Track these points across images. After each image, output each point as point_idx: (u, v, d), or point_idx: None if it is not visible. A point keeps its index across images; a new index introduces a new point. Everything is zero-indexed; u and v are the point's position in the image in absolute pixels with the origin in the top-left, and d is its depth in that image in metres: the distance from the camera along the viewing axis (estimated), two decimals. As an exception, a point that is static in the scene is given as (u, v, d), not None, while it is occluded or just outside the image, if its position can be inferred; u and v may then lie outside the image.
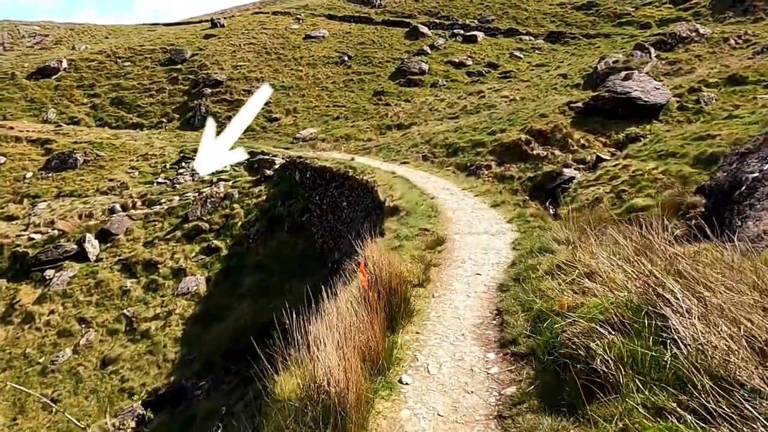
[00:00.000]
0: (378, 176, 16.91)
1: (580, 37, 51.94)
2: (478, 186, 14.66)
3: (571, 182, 21.67)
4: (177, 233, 27.47)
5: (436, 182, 16.22)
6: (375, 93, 44.22)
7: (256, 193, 28.75)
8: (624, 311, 3.60)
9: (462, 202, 12.47)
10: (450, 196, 13.39)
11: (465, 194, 13.61)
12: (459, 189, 14.55)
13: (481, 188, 14.17)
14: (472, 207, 11.80)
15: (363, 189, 17.37)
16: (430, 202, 12.25)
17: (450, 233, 9.32)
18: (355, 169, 20.40)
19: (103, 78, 51.42)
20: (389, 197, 13.01)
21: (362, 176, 18.30)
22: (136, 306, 23.96)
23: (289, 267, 24.05)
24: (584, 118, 26.00)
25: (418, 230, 9.18)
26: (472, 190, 14.14)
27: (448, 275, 6.67)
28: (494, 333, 4.67)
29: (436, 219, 10.39)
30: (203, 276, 24.92)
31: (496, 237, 8.92)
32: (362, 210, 17.26)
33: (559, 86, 36.69)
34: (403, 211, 11.04)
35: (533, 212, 10.14)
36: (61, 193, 34.74)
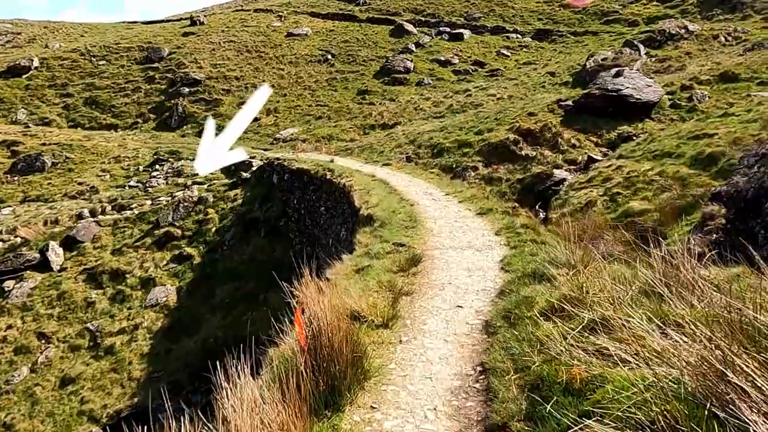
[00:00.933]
0: (356, 179, 15.61)
1: (567, 35, 51.11)
2: (464, 190, 13.42)
3: (562, 184, 20.57)
4: (147, 240, 25.91)
5: (419, 186, 14.96)
6: (359, 92, 42.93)
7: (231, 197, 27.28)
8: (675, 407, 2.31)
9: (445, 209, 11.21)
10: (432, 202, 12.13)
11: (449, 200, 12.36)
12: (442, 194, 13.30)
13: (467, 193, 12.93)
14: (455, 215, 10.55)
15: (340, 193, 16.07)
16: (410, 210, 10.98)
17: (429, 248, 8.06)
18: (333, 172, 19.09)
19: (76, 77, 49.46)
20: (365, 204, 11.73)
21: (340, 179, 16.99)
22: (101, 319, 22.39)
23: (266, 274, 22.59)
24: (574, 117, 24.95)
25: (391, 245, 7.90)
26: (456, 195, 12.89)
27: (422, 308, 5.39)
28: (477, 406, 3.41)
29: (415, 230, 9.11)
30: (174, 286, 23.41)
31: (483, 253, 7.67)
32: (339, 215, 15.97)
33: (548, 84, 35.70)
34: (378, 220, 9.75)
35: (524, 222, 8.91)
36: (26, 198, 32.94)
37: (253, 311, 20.70)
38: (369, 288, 5.63)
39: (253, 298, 21.49)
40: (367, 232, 9.36)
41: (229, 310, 21.30)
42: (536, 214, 19.81)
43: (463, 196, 12.52)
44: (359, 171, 18.79)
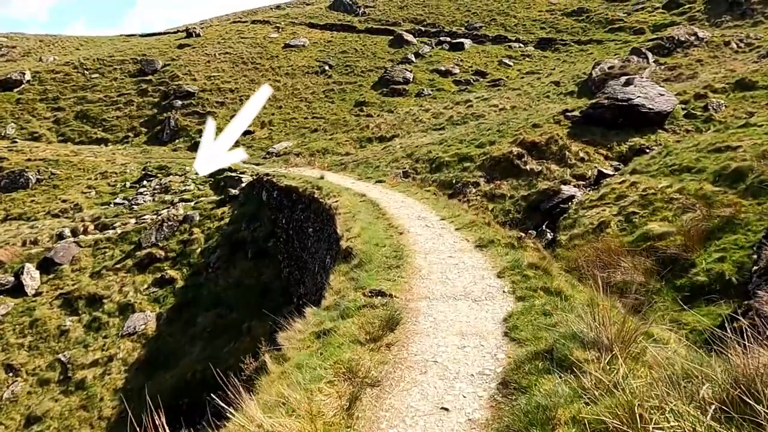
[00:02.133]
0: (343, 200, 14.02)
1: (571, 44, 49.76)
2: (462, 214, 11.79)
3: (570, 202, 18.94)
4: (128, 262, 24.36)
5: (412, 208, 13.35)
6: (356, 104, 41.55)
7: (218, 216, 25.75)
8: None
9: (439, 239, 9.58)
10: (425, 229, 10.51)
11: (444, 227, 10.74)
12: (437, 218, 11.68)
13: (465, 218, 11.30)
14: (450, 248, 8.93)
15: (326, 215, 14.47)
16: (397, 241, 9.37)
17: (414, 298, 6.46)
18: (321, 190, 17.53)
19: (68, 90, 48.36)
20: (347, 233, 10.13)
21: (326, 200, 15.41)
22: (74, 349, 20.77)
23: (251, 301, 21.01)
24: (582, 128, 23.38)
25: (367, 295, 6.28)
26: (453, 220, 11.27)
27: (391, 412, 3.76)
28: None
29: (400, 270, 7.50)
30: (154, 312, 21.79)
31: (481, 305, 6.05)
32: (325, 240, 14.36)
33: (552, 94, 34.21)
34: (357, 256, 8.15)
35: (532, 260, 7.27)
36: (8, 217, 31.55)
37: (236, 342, 19.07)
38: (320, 378, 4.00)
39: (237, 327, 19.85)
40: (343, 272, 7.76)
41: (210, 341, 19.65)
42: (543, 235, 18.20)
43: (461, 222, 10.88)
44: (349, 189, 17.22)
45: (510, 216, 19.65)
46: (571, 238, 16.04)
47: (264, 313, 20.46)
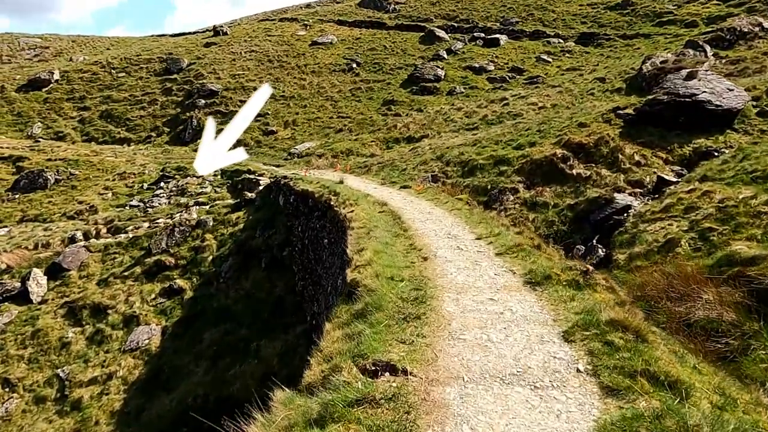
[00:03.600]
0: (359, 211, 11.86)
1: (615, 38, 46.42)
2: (502, 232, 9.44)
3: (626, 213, 16.29)
4: (137, 269, 22.87)
5: (440, 221, 11.08)
6: (384, 102, 39.44)
7: (233, 221, 24.02)
8: None
9: (475, 269, 7.31)
10: (456, 253, 8.25)
11: (481, 249, 8.45)
12: (472, 237, 9.39)
13: (507, 237, 8.97)
14: (491, 284, 6.64)
15: (341, 226, 12.35)
16: (420, 271, 7.15)
17: (440, 376, 4.30)
18: (339, 196, 15.44)
19: (95, 90, 47.95)
20: (357, 256, 8.00)
21: (342, 208, 13.30)
22: (74, 364, 19.31)
23: (262, 316, 19.13)
24: (637, 128, 20.59)
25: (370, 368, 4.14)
26: (492, 240, 8.96)
27: None
28: None
29: (420, 324, 5.30)
30: (159, 325, 20.16)
31: (546, 400, 3.86)
32: (338, 256, 12.21)
33: (597, 91, 31.27)
34: (364, 296, 5.97)
35: (615, 315, 4.92)
36: (25, 218, 30.73)
37: (242, 364, 17.17)
38: None
39: (245, 346, 17.95)
40: (342, 322, 5.62)
41: (215, 361, 17.82)
42: (593, 251, 15.63)
43: (503, 243, 8.56)
44: (369, 196, 15.07)
45: (554, 228, 17.13)
46: (631, 257, 13.45)
47: (276, 330, 18.58)
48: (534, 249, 8.21)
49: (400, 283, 6.55)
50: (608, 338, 4.63)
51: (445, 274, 7.12)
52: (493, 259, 7.82)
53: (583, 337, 4.78)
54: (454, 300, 6.08)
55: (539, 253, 8.03)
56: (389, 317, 5.39)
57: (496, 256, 7.99)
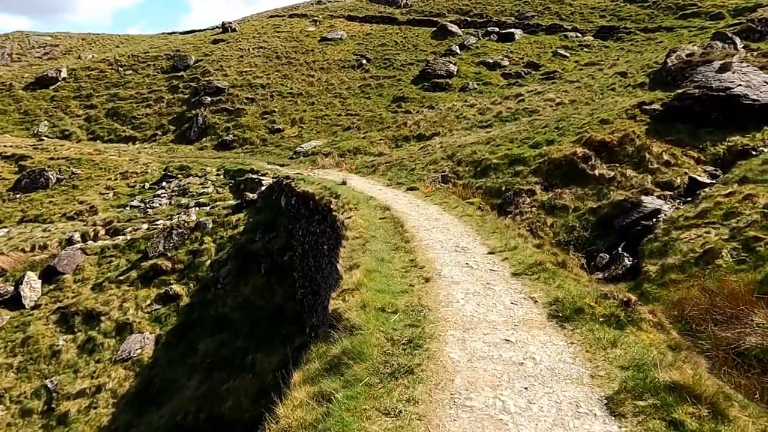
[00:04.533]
0: (357, 218, 10.59)
1: (636, 32, 44.51)
2: (519, 245, 8.09)
3: (656, 218, 14.78)
4: (132, 274, 21.89)
5: (448, 230, 9.75)
6: (394, 99, 38.10)
7: (233, 223, 22.92)
8: None
9: (488, 295, 6.00)
10: (465, 272, 6.93)
11: (494, 267, 7.11)
12: (484, 251, 8.05)
13: (525, 252, 7.63)
14: (508, 317, 5.32)
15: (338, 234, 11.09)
16: (419, 299, 5.86)
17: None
18: (340, 199, 14.19)
19: (101, 87, 47.33)
20: (346, 274, 6.74)
21: (340, 213, 12.05)
22: (63, 374, 18.36)
23: (260, 326, 17.97)
24: (664, 125, 19.00)
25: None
26: (508, 255, 7.62)
27: None
28: None
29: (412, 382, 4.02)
30: (153, 334, 19.13)
31: None
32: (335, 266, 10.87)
33: (618, 86, 29.57)
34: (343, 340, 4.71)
35: (680, 378, 3.47)
36: (25, 218, 30.01)
37: (236, 378, 16.01)
38: None
39: (240, 359, 16.81)
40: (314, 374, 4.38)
41: (208, 374, 16.70)
42: (618, 260, 14.17)
43: (521, 260, 7.22)
44: (372, 199, 13.78)
45: (575, 234, 15.66)
46: (663, 269, 11.98)
47: (273, 341, 17.40)
48: (558, 268, 6.85)
49: (393, 315, 5.24)
50: (674, 415, 3.28)
51: (450, 302, 5.81)
52: (509, 282, 6.48)
53: (636, 409, 3.45)
54: (460, 341, 4.76)
55: (564, 273, 6.66)
56: (372, 371, 4.10)
57: (513, 277, 6.65)
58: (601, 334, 4.66)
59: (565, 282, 6.19)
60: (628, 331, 4.82)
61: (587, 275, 7.28)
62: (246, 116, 38.72)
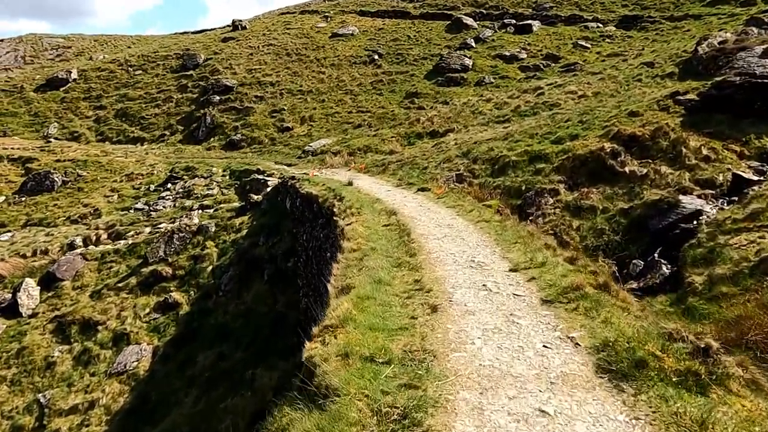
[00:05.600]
0: (358, 226, 9.29)
1: (661, 21, 42.41)
2: (549, 260, 6.69)
3: (697, 220, 13.16)
4: (132, 280, 20.92)
5: (462, 240, 8.39)
6: (407, 95, 36.70)
7: (236, 226, 21.81)
8: None
9: (512, 334, 4.62)
10: (482, 298, 5.57)
11: (518, 291, 5.74)
12: (505, 268, 6.68)
13: (556, 269, 6.25)
14: (541, 371, 3.93)
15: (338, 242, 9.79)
16: (423, 338, 4.52)
17: None
18: (343, 202, 12.90)
19: (111, 88, 46.82)
20: (335, 300, 5.49)
21: (341, 218, 10.77)
22: (57, 387, 17.43)
23: (262, 336, 16.79)
24: (701, 116, 17.29)
25: None
26: (536, 273, 6.25)
27: None
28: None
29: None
30: (151, 345, 18.10)
31: None
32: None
33: (645, 77, 27.76)
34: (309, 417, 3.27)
35: None
36: (29, 222, 29.36)
37: (234, 396, 14.83)
38: None
39: (239, 374, 15.63)
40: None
41: (206, 389, 15.57)
42: (655, 268, 12.62)
43: (551, 281, 5.84)
44: (378, 202, 12.47)
45: (604, 238, 14.12)
46: (711, 280, 10.43)
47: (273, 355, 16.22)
48: (599, 292, 5.44)
49: (385, 368, 3.91)
50: None
51: (463, 343, 4.45)
52: (539, 312, 5.08)
53: None
54: (476, 411, 3.42)
55: (608, 299, 5.25)
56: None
57: (543, 305, 5.26)
58: (680, 405, 3.26)
59: (612, 314, 4.78)
60: (714, 397, 3.42)
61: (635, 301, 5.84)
62: (255, 115, 37.71)
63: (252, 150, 34.14)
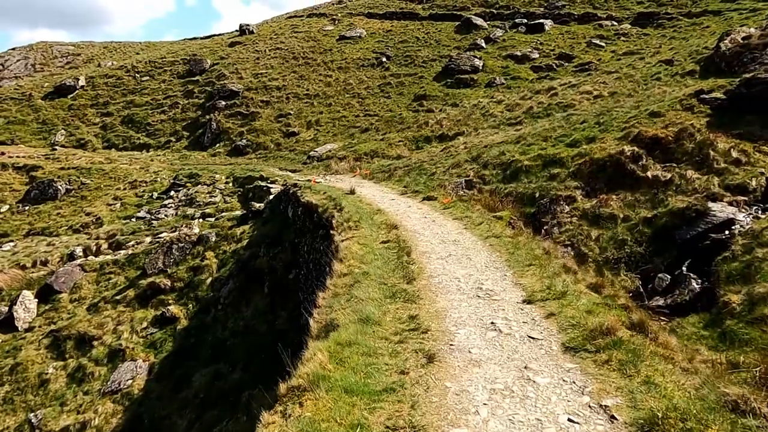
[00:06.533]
0: (353, 244, 8.37)
1: (679, 18, 40.95)
2: (569, 288, 5.67)
3: (729, 230, 12.01)
4: (130, 293, 20.20)
5: (469, 258, 7.41)
6: (415, 98, 35.76)
7: (237, 236, 21.02)
8: None
9: (527, 396, 3.64)
10: (492, 341, 4.57)
11: (535, 332, 4.73)
12: (517, 296, 5.69)
13: (579, 302, 5.24)
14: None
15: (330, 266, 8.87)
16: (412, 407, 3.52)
17: None
18: (342, 212, 11.98)
19: (118, 95, 46.55)
20: (309, 353, 4.59)
21: (338, 232, 9.84)
22: (49, 407, 16.71)
23: (259, 355, 15.88)
24: (729, 116, 16.10)
25: None
26: (554, 305, 5.23)
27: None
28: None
29: None
30: (146, 362, 17.31)
31: None
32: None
33: (664, 75, 26.50)
34: None
35: None
36: (31, 231, 28.90)
37: (230, 419, 13.96)
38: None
39: (236, 395, 14.74)
40: None
41: (201, 412, 14.72)
42: (684, 283, 11.48)
43: (574, 318, 4.83)
44: (380, 213, 11.53)
45: (626, 250, 13.03)
46: (752, 301, 9.31)
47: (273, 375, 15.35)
48: (634, 335, 4.42)
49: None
50: None
51: (463, 413, 3.49)
52: (561, 365, 4.08)
53: None
54: None
55: (647, 345, 4.27)
56: None
57: (566, 354, 4.26)
58: None
59: (655, 370, 3.78)
60: None
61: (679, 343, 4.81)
62: (260, 120, 37.04)
63: (257, 156, 33.45)
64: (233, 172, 28.69)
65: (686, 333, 9.47)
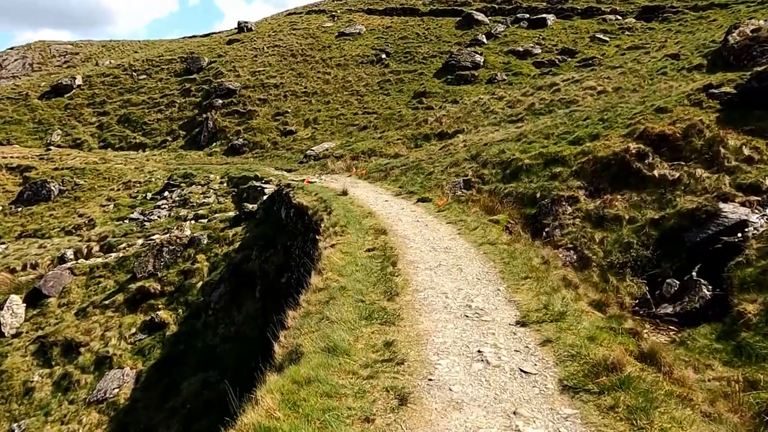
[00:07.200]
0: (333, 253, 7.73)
1: (684, 11, 40.06)
2: (569, 307, 4.98)
3: (743, 233, 11.29)
4: (119, 297, 19.63)
5: (460, 269, 6.75)
6: (415, 95, 35.04)
7: (229, 238, 20.41)
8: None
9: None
10: (478, 376, 3.95)
11: (529, 359, 4.08)
12: (511, 317, 5.00)
13: (579, 326, 4.55)
14: None
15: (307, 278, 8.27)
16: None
17: None
18: (331, 215, 11.32)
19: (115, 94, 46.02)
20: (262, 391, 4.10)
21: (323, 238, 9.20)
22: (33, 416, 16.18)
23: (249, 364, 15.23)
24: (740, 112, 15.33)
25: None
26: (552, 329, 4.53)
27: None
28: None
29: None
30: (134, 369, 16.74)
31: None
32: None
33: (670, 70, 25.70)
34: None
35: None
36: (24, 233, 28.39)
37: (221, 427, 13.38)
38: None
39: (223, 405, 14.12)
40: None
41: (188, 422, 14.13)
42: (694, 290, 10.79)
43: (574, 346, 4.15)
44: (370, 216, 10.87)
45: (632, 253, 12.30)
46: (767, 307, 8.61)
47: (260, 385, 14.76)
48: (645, 368, 3.73)
49: None
50: None
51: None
52: (557, 410, 3.42)
53: None
54: None
55: (660, 383, 3.58)
56: None
57: (564, 395, 3.60)
58: None
59: (671, 417, 3.11)
60: None
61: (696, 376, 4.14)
62: (257, 118, 36.42)
63: (254, 155, 32.84)
64: (228, 172, 28.09)
65: (698, 346, 8.79)
